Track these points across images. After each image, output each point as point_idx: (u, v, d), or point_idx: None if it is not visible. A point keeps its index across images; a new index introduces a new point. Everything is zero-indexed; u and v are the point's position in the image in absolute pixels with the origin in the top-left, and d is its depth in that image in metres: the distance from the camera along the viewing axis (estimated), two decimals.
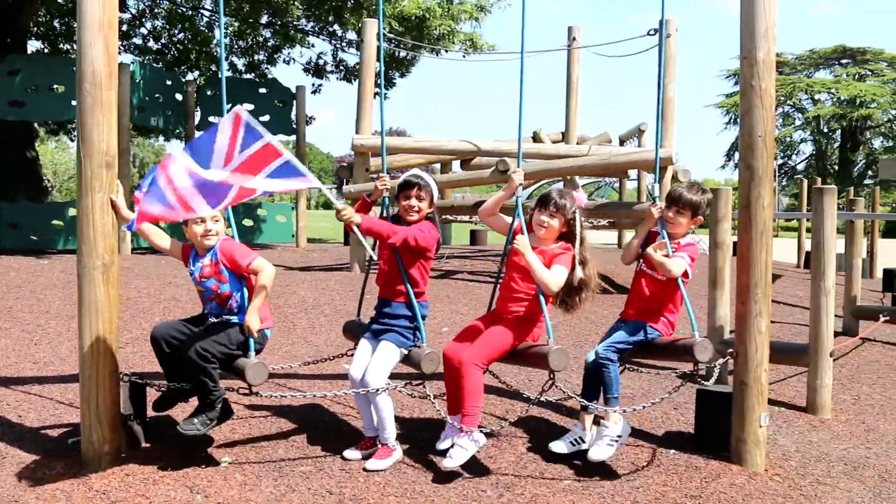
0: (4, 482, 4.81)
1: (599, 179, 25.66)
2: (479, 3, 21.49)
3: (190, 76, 22.78)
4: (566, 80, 16.56)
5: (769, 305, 5.49)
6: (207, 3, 23.19)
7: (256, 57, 23.86)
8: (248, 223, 19.70)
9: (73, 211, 15.40)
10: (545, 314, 5.27)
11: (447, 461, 5.09)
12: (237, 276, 5.10)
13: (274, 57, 23.97)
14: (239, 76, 23.31)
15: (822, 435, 6.37)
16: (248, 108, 19.16)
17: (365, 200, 5.59)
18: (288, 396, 5.42)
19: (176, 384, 5.13)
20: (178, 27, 22.48)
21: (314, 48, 25.78)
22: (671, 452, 5.65)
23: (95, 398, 4.95)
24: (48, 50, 22.07)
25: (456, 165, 17.55)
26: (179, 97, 18.59)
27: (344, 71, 23.63)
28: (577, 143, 16.04)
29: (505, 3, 21.76)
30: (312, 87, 23.72)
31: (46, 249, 15.85)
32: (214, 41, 22.87)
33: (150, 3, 22.93)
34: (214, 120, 18.77)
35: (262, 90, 19.74)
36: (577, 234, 5.42)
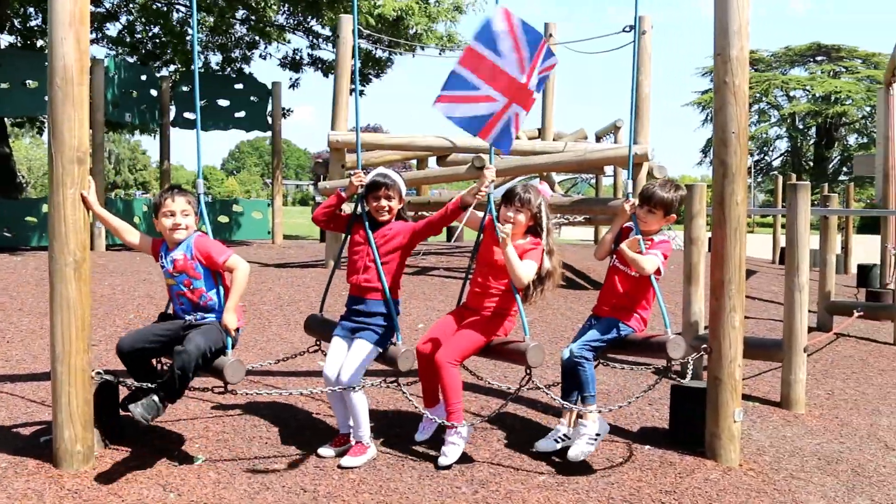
0: None
1: (576, 176, 25.71)
2: (455, 3, 21.48)
3: (165, 71, 22.63)
4: None
5: (743, 301, 5.51)
6: None
7: (232, 53, 23.73)
8: (223, 220, 19.64)
9: (46, 207, 15.30)
10: (520, 309, 5.30)
11: (442, 459, 5.16)
12: (211, 272, 5.07)
13: (248, 54, 23.84)
14: (216, 72, 23.20)
15: (795, 430, 6.40)
16: (223, 103, 19.13)
17: (339, 195, 5.57)
18: (263, 394, 5.39)
19: (148, 384, 5.06)
20: (152, 22, 22.30)
21: (290, 44, 25.68)
22: (646, 448, 5.66)
23: (67, 396, 4.90)
24: (21, 45, 21.88)
25: (432, 162, 17.53)
26: (154, 93, 18.48)
27: (321, 66, 23.54)
28: (553, 139, 16.07)
29: (480, 4, 21.75)
30: (290, 81, 23.66)
31: (20, 246, 15.75)
32: (189, 36, 22.73)
33: None
34: (190, 116, 18.72)
35: (237, 86, 19.68)
36: (543, 226, 5.43)
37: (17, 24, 21.60)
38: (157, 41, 22.62)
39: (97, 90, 16.14)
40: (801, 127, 70.03)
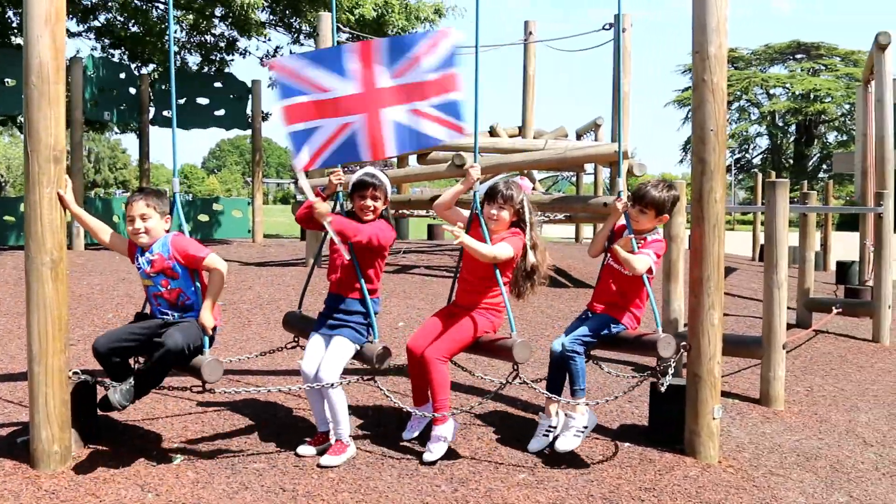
0: None
1: (557, 173, 25.74)
2: (435, 6, 21.49)
3: (145, 70, 22.50)
4: (523, 74, 16.62)
5: (722, 298, 5.52)
6: None
7: (212, 52, 23.61)
8: (203, 218, 19.53)
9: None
10: (507, 305, 5.33)
11: (427, 455, 5.19)
12: (189, 272, 5.05)
13: (228, 53, 23.73)
14: (195, 70, 23.09)
15: (775, 426, 6.43)
16: (203, 102, 19.02)
17: (318, 194, 5.56)
18: (241, 392, 5.37)
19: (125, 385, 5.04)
20: (132, 20, 22.16)
21: (271, 41, 25.59)
22: (626, 445, 5.66)
23: (44, 396, 4.86)
24: None
25: (412, 160, 17.52)
26: (133, 91, 18.37)
27: None
28: (533, 137, 16.09)
29: (461, 9, 21.81)
30: (270, 80, 23.55)
31: None
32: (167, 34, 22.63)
33: None
34: (168, 114, 18.61)
35: (217, 84, 19.57)
36: (526, 220, 5.46)
37: None
38: (136, 39, 22.48)
39: (75, 88, 16.03)
40: (780, 124, 70.44)
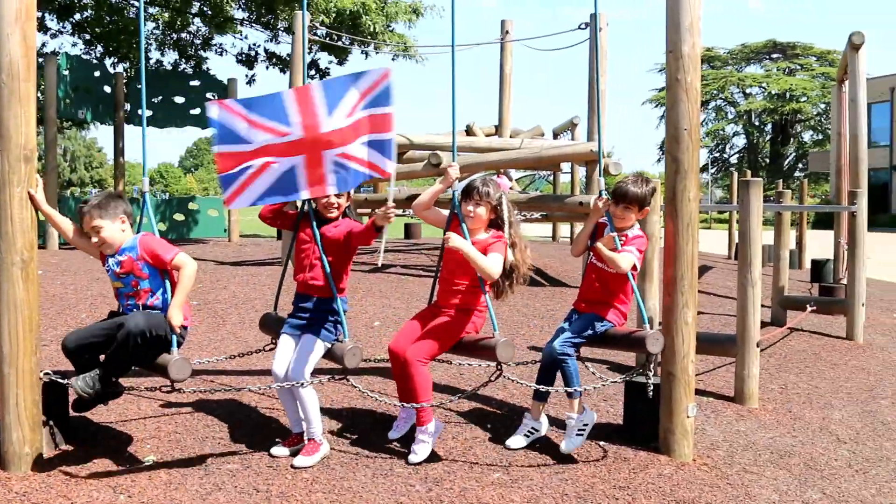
0: None
1: (534, 173, 25.78)
2: (413, 5, 21.46)
3: (121, 67, 22.39)
4: (499, 73, 16.62)
5: (695, 297, 5.54)
6: None
7: (188, 48, 23.52)
8: (179, 217, 19.45)
9: None
10: (489, 305, 5.33)
11: (412, 457, 5.18)
12: (159, 272, 5.02)
13: (203, 51, 23.66)
14: (171, 68, 22.99)
15: (749, 424, 6.45)
16: (179, 100, 18.93)
17: None
18: (214, 392, 5.35)
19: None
20: (108, 17, 22.04)
21: (247, 39, 25.51)
22: (600, 444, 5.67)
23: (15, 398, 4.82)
24: None
25: None
26: (108, 89, 18.26)
27: (277, 62, 23.40)
28: (510, 136, 16.09)
29: (439, 9, 21.78)
30: (246, 77, 23.52)
31: None
32: (147, 31, 22.52)
33: None
34: (147, 113, 18.52)
35: (193, 83, 19.49)
36: (505, 218, 5.45)
37: None
38: (112, 35, 22.35)
39: (49, 87, 15.93)
40: (757, 124, 70.77)
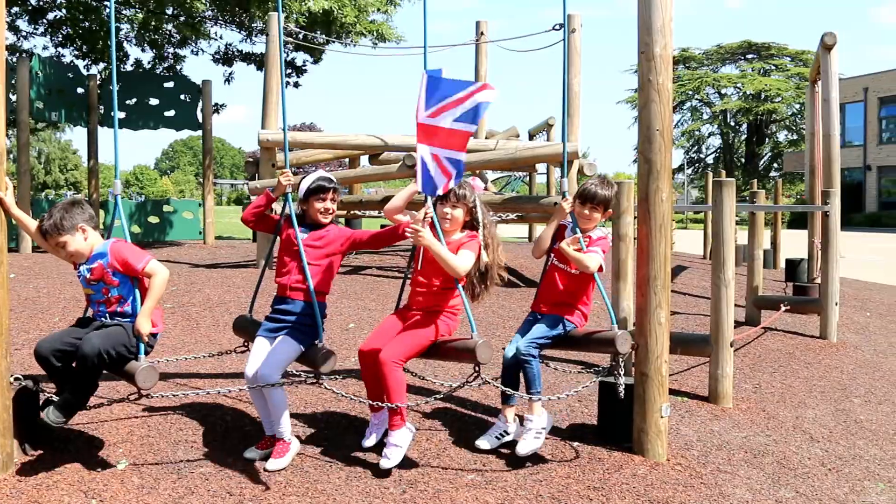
0: None
1: (510, 174, 25.79)
2: None
3: (95, 69, 22.24)
4: (475, 74, 16.62)
5: (668, 297, 5.55)
6: None
7: (163, 48, 23.37)
8: (154, 220, 19.36)
9: None
10: (466, 306, 5.29)
11: (384, 461, 5.07)
12: (129, 279, 4.99)
13: (179, 53, 23.52)
14: (147, 69, 22.85)
15: (723, 424, 6.47)
16: (153, 102, 18.83)
17: (268, 195, 5.53)
18: (188, 396, 5.30)
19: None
20: (82, 18, 21.86)
21: (222, 39, 25.39)
22: (575, 445, 5.68)
23: None
24: None
25: (364, 160, 17.47)
26: (81, 91, 18.15)
27: (254, 60, 23.30)
28: (486, 137, 16.10)
29: None
30: (224, 76, 23.43)
31: None
32: (121, 33, 22.37)
33: None
34: (119, 115, 18.40)
35: (167, 84, 19.40)
36: (479, 220, 5.44)
37: None
38: (86, 36, 22.17)
39: (22, 89, 15.82)
40: (732, 124, 71.11)
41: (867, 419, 7.00)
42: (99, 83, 18.59)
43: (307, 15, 18.73)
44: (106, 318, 4.98)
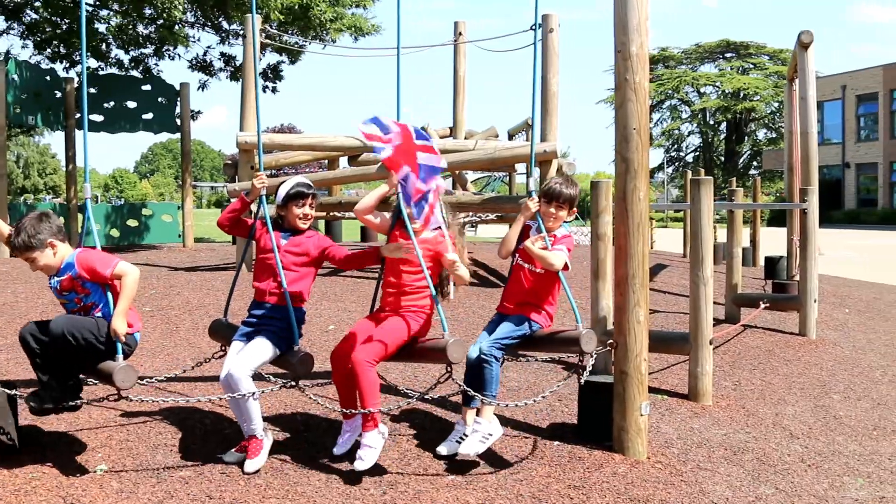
0: None
1: (490, 174, 25.80)
2: None
3: (73, 72, 22.10)
4: (453, 75, 16.61)
5: (647, 296, 5.56)
6: None
7: (141, 52, 23.26)
8: (132, 223, 19.26)
9: None
10: (437, 306, 5.28)
11: (358, 463, 5.02)
12: (100, 285, 4.98)
13: (160, 50, 23.40)
14: (124, 73, 22.75)
15: (703, 421, 6.49)
16: (130, 105, 18.72)
17: (242, 199, 5.51)
18: (160, 401, 5.28)
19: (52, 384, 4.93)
20: (59, 19, 21.72)
21: (200, 42, 25.27)
22: (555, 444, 5.68)
23: None
24: None
25: (344, 161, 17.44)
26: (59, 94, 18.03)
27: (231, 68, 23.23)
28: (465, 137, 16.08)
29: None
30: (199, 83, 23.32)
31: None
32: (98, 36, 22.24)
33: None
34: (96, 118, 18.29)
35: (145, 87, 19.29)
36: (443, 220, 5.41)
37: None
38: (63, 37, 22.04)
39: None
40: (711, 123, 71.34)
41: (846, 415, 7.03)
42: (76, 86, 18.47)
43: (287, 10, 18.64)
44: None
